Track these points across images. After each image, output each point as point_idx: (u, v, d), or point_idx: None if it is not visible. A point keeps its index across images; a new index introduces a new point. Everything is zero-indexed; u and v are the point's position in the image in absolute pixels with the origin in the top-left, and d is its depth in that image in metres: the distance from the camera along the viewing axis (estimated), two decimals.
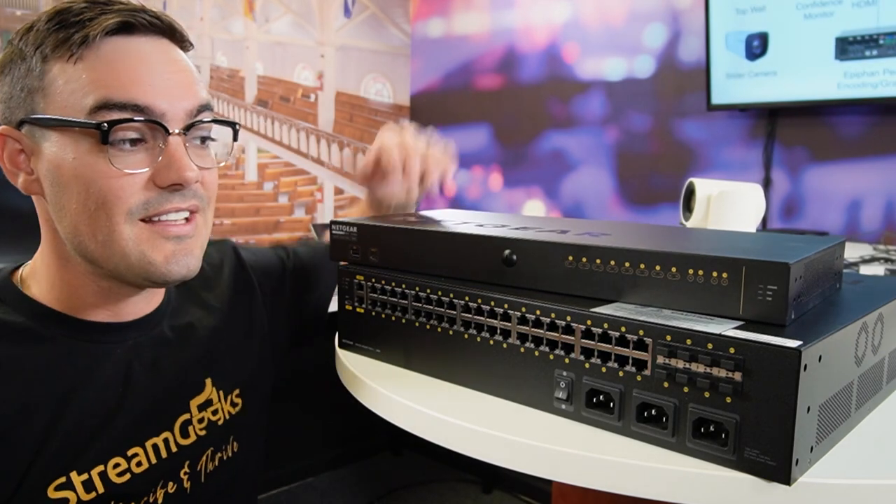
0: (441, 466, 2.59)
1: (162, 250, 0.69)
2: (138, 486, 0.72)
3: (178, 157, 0.68)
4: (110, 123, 0.65)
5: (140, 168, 0.67)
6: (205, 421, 0.80)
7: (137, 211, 0.67)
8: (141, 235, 0.68)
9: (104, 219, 0.67)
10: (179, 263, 0.70)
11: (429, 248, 0.70)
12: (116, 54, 0.67)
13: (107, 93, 0.65)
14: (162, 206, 0.68)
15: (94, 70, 0.66)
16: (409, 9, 3.09)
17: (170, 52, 0.71)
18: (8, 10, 2.08)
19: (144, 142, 0.67)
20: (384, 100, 3.05)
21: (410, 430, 0.62)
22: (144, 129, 0.67)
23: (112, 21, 0.66)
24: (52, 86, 0.66)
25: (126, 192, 0.66)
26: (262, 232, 2.72)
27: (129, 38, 0.68)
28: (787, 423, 0.46)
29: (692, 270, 0.54)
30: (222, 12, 2.59)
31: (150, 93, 0.67)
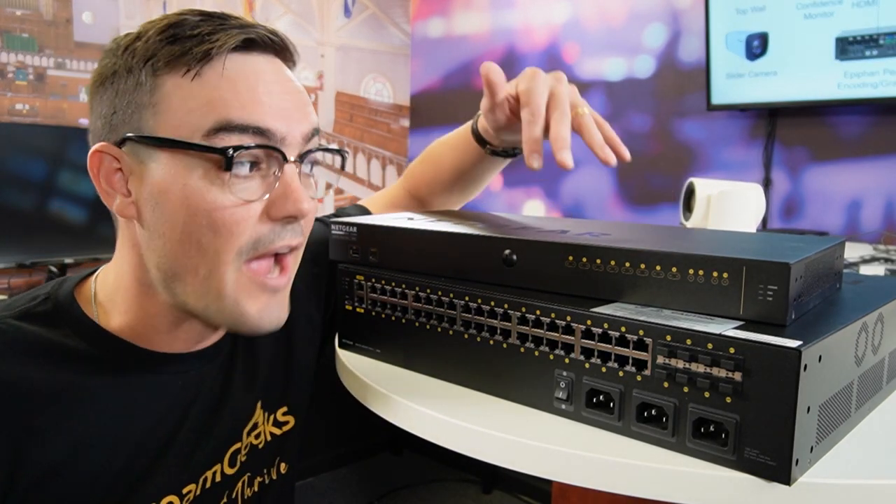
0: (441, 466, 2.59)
1: (257, 301, 0.64)
2: None
3: (296, 188, 0.63)
4: (235, 149, 0.59)
5: (256, 196, 0.62)
6: (248, 446, 0.75)
7: (247, 251, 0.62)
8: (240, 281, 0.63)
9: (211, 254, 0.61)
10: (272, 316, 0.66)
11: (429, 248, 0.70)
12: (237, 73, 0.62)
13: (227, 113, 0.60)
14: (273, 244, 0.63)
15: (214, 88, 0.61)
16: (409, 9, 3.09)
17: (284, 71, 0.66)
18: (8, 10, 2.08)
19: (259, 169, 0.63)
20: (384, 100, 3.06)
21: (410, 430, 0.62)
22: (261, 155, 0.62)
23: (236, 38, 0.62)
24: (165, 102, 0.61)
25: (241, 227, 0.61)
26: None
27: (248, 55, 0.63)
28: (787, 423, 0.46)
29: (692, 270, 0.54)
30: None
31: (271, 115, 0.62)
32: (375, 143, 3.04)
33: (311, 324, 0.86)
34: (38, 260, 1.97)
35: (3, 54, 2.07)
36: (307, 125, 0.65)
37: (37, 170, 1.94)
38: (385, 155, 3.08)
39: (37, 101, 2.13)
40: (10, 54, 2.08)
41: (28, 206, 1.92)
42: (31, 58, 2.12)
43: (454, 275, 0.68)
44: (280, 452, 0.80)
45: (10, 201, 1.90)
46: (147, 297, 0.66)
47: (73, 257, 2.01)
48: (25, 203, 1.92)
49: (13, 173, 1.90)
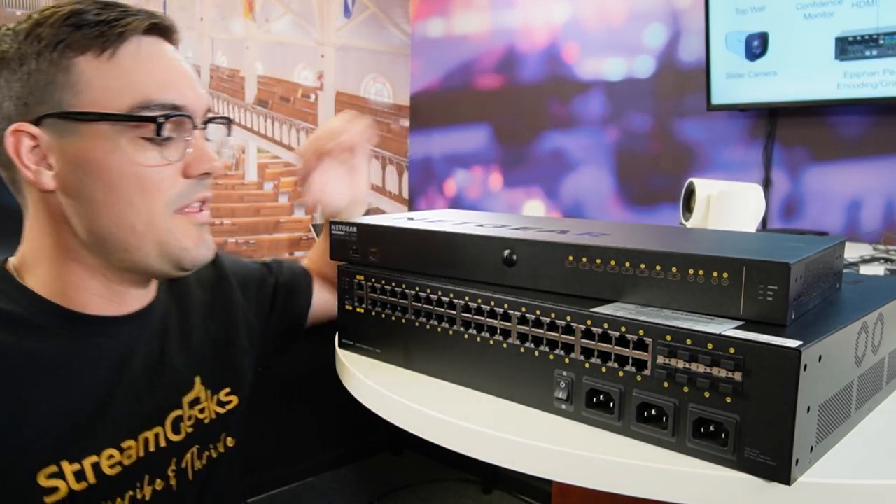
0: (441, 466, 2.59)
1: (191, 236, 0.74)
2: (127, 479, 0.73)
3: (206, 149, 0.74)
4: (165, 117, 0.69)
5: (173, 159, 0.72)
6: (193, 419, 0.82)
7: (174, 202, 0.72)
8: (175, 223, 0.72)
9: (144, 208, 0.70)
10: (205, 247, 0.76)
11: (429, 248, 0.70)
12: (149, 55, 0.72)
13: (148, 93, 0.69)
14: (192, 197, 0.74)
15: (130, 70, 0.70)
16: (409, 9, 3.09)
17: (177, 53, 0.76)
18: (8, 10, 2.08)
19: (174, 138, 0.72)
20: (384, 100, 3.05)
21: (410, 430, 0.62)
22: (177, 125, 0.72)
23: (144, 22, 0.71)
24: (83, 82, 0.68)
25: (165, 183, 0.71)
26: (262, 232, 2.72)
27: (152, 38, 0.73)
28: (787, 423, 0.46)
29: (692, 270, 0.54)
30: (222, 12, 2.59)
31: (181, 93, 0.72)
32: (375, 144, 3.04)
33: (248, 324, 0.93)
34: None
35: None
36: (204, 101, 0.76)
37: None
38: (385, 155, 3.08)
39: None
40: None
41: None
42: None
43: (454, 275, 0.68)
44: (225, 428, 0.86)
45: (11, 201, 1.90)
46: (74, 262, 0.73)
47: None
48: None
49: None
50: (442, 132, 3.02)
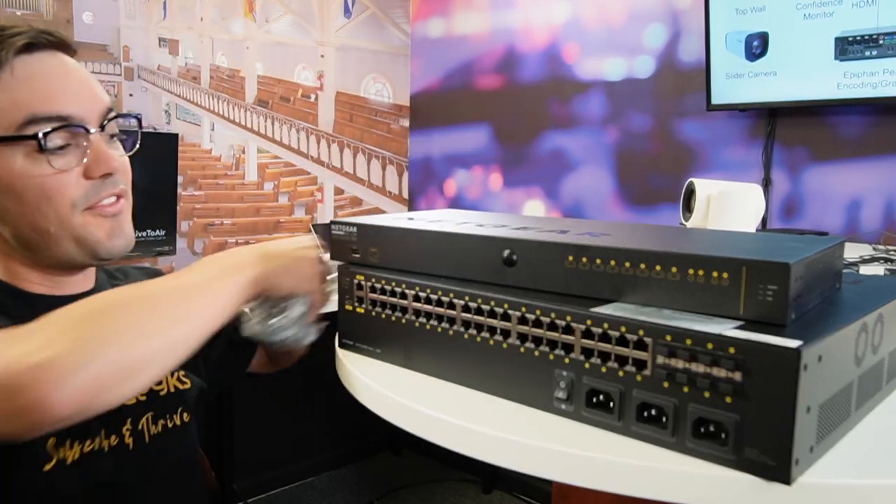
0: (441, 466, 2.59)
1: (103, 229, 0.81)
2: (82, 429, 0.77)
3: (103, 152, 0.80)
4: (45, 134, 0.75)
5: (71, 166, 0.78)
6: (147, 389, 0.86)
7: (80, 203, 0.79)
8: (86, 220, 0.80)
9: (52, 213, 0.78)
10: (118, 236, 0.82)
11: (429, 248, 0.70)
12: (29, 72, 0.77)
13: (31, 109, 0.76)
14: (98, 196, 0.80)
15: (14, 90, 0.76)
16: (409, 9, 3.09)
17: (68, 62, 0.81)
18: (8, 10, 2.08)
19: (70, 145, 0.78)
20: (384, 100, 3.06)
21: (410, 430, 0.62)
22: (69, 135, 0.78)
23: (16, 44, 0.77)
24: None
25: (66, 188, 0.78)
26: (262, 232, 2.72)
27: (34, 55, 0.78)
28: (787, 422, 0.46)
29: (692, 270, 0.54)
30: (222, 12, 2.59)
31: (67, 103, 0.78)
32: (375, 144, 3.04)
33: None
34: None
35: None
36: (100, 104, 0.81)
37: None
38: (385, 155, 3.08)
39: None
40: None
41: None
42: None
43: (454, 275, 0.68)
44: (181, 403, 0.92)
45: None
46: (11, 258, 0.82)
47: None
48: None
49: None
50: (442, 132, 3.02)
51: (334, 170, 2.93)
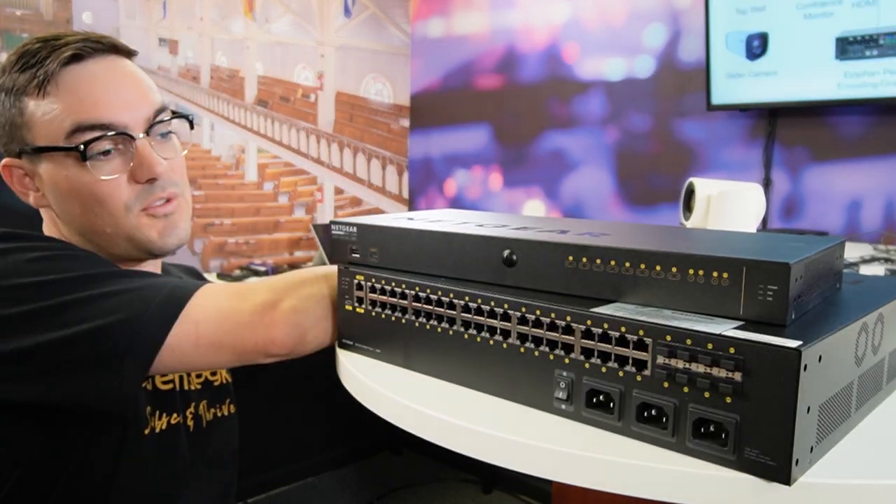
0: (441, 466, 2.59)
1: (155, 228, 0.85)
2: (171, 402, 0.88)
3: (147, 156, 0.82)
4: (85, 144, 0.79)
5: (116, 173, 0.82)
6: (202, 377, 0.96)
7: (134, 205, 0.83)
8: (140, 221, 0.84)
9: (107, 216, 0.82)
10: (171, 235, 0.87)
11: (429, 248, 0.70)
12: (75, 82, 0.80)
13: (76, 118, 0.79)
14: (149, 198, 0.84)
15: (61, 101, 0.80)
16: (409, 9, 3.09)
17: (119, 66, 0.84)
18: (8, 9, 2.08)
19: (118, 150, 0.82)
20: (384, 100, 3.06)
21: (410, 430, 0.62)
22: (116, 142, 0.81)
23: (64, 55, 0.80)
24: (32, 120, 0.80)
25: (116, 193, 0.82)
26: (262, 232, 2.72)
27: (83, 64, 0.81)
28: (787, 423, 0.46)
29: (692, 270, 0.54)
30: (222, 12, 2.59)
31: (110, 110, 0.81)
32: (375, 144, 3.04)
33: None
34: None
35: (3, 54, 2.07)
36: (148, 108, 0.84)
37: None
38: (385, 155, 3.08)
39: None
40: None
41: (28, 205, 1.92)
42: None
43: (454, 275, 0.68)
44: (229, 395, 1.01)
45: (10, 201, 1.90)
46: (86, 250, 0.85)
47: None
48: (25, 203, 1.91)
49: None
50: (442, 132, 3.02)
51: (334, 170, 2.93)
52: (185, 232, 0.89)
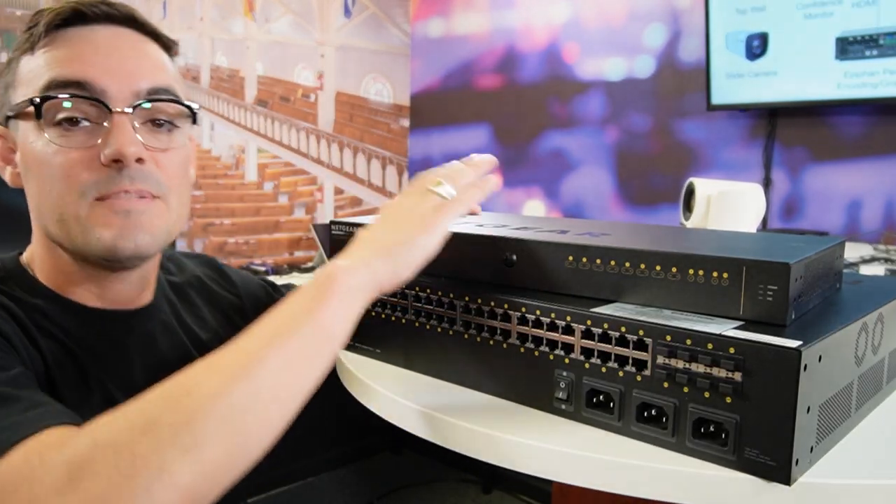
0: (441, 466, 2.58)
1: (111, 225, 0.68)
2: None
3: (119, 133, 0.67)
4: (42, 98, 0.66)
5: (78, 146, 0.67)
6: None
7: (89, 191, 0.67)
8: (94, 212, 0.68)
9: (57, 197, 0.68)
10: (127, 238, 0.68)
11: None
12: (68, 41, 0.69)
13: (51, 74, 0.67)
14: (110, 188, 0.67)
15: (46, 56, 0.68)
16: (409, 9, 3.09)
17: (128, 38, 0.72)
18: (8, 9, 2.08)
19: (88, 122, 0.68)
20: (384, 100, 3.06)
21: (410, 430, 0.62)
22: (87, 109, 0.67)
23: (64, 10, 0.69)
24: (18, 78, 0.70)
25: (76, 170, 0.67)
26: (262, 232, 2.72)
27: (84, 27, 0.70)
28: (787, 423, 0.46)
29: (692, 270, 0.54)
30: (222, 12, 2.59)
31: (92, 70, 0.67)
32: (375, 143, 3.04)
33: None
34: None
35: (3, 54, 2.07)
36: (142, 82, 0.69)
37: None
38: (385, 155, 3.08)
39: None
40: None
41: None
42: None
43: (454, 275, 0.68)
44: None
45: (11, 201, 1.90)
46: (55, 254, 0.72)
47: None
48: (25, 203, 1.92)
49: None
50: (442, 132, 3.02)
51: (334, 170, 2.93)
52: (152, 239, 0.70)
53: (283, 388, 0.50)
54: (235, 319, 0.89)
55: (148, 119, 0.71)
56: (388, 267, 0.57)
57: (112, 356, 0.72)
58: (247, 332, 0.52)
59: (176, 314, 0.82)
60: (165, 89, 0.71)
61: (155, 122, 0.72)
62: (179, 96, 0.73)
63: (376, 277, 0.57)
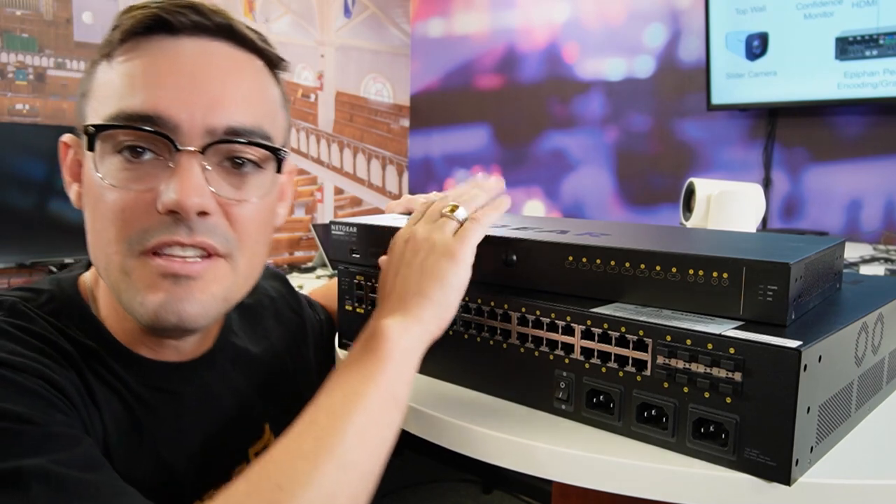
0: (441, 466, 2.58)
1: (156, 289, 0.57)
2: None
3: (183, 178, 0.56)
4: (98, 128, 0.56)
5: (137, 184, 0.57)
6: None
7: (140, 241, 0.57)
8: (142, 270, 0.57)
9: (107, 245, 0.58)
10: (170, 310, 0.57)
11: None
12: (147, 55, 0.58)
13: (120, 104, 0.57)
14: (161, 237, 0.56)
15: (121, 70, 0.58)
16: (409, 9, 3.09)
17: (219, 57, 0.60)
18: (8, 10, 2.08)
19: (157, 158, 0.57)
20: (384, 100, 3.06)
21: (410, 430, 0.62)
22: (155, 143, 0.57)
23: (144, 15, 0.58)
24: (93, 89, 0.60)
25: (125, 215, 0.56)
26: None
27: (168, 38, 0.59)
28: (787, 423, 0.46)
29: (692, 270, 0.54)
30: None
31: (166, 100, 0.56)
32: (375, 143, 3.04)
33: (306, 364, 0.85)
34: (38, 260, 1.97)
35: (3, 54, 2.07)
36: (222, 117, 0.58)
37: (37, 170, 1.93)
38: (385, 155, 3.08)
39: (37, 101, 2.13)
40: (10, 54, 2.08)
41: (28, 206, 1.92)
42: (31, 58, 2.12)
43: None
44: None
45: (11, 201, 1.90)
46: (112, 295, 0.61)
47: (73, 257, 2.01)
48: (25, 203, 1.92)
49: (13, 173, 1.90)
50: (442, 132, 3.02)
51: (334, 170, 2.93)
52: (201, 310, 0.59)
53: (365, 461, 0.51)
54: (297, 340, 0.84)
55: (226, 157, 0.60)
56: (433, 314, 0.57)
57: (166, 410, 0.64)
58: (315, 405, 0.52)
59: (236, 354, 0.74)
60: (249, 130, 0.59)
61: (235, 161, 0.60)
62: (268, 134, 0.62)
63: (427, 329, 0.57)
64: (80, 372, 0.58)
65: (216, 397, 0.69)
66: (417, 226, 0.62)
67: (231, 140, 0.59)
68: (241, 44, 0.63)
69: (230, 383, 0.72)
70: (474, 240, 0.59)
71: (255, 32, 0.64)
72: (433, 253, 0.58)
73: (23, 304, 0.60)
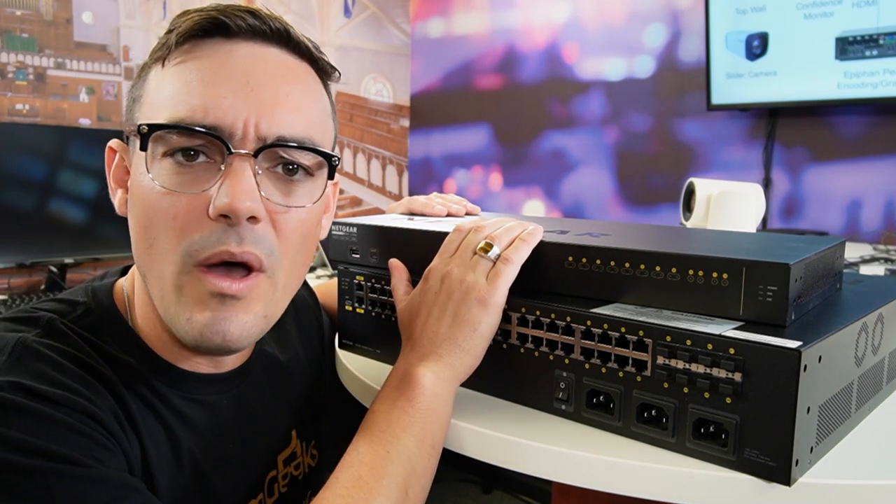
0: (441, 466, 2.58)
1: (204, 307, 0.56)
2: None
3: (234, 181, 0.55)
4: (151, 127, 0.55)
5: (190, 188, 0.55)
6: (288, 477, 0.73)
7: (193, 253, 0.56)
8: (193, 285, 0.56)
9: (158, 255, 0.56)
10: (215, 330, 0.56)
11: (429, 249, 0.70)
12: (203, 58, 0.58)
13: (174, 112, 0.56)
14: (214, 247, 0.55)
15: (176, 74, 0.58)
16: (409, 9, 3.09)
17: (274, 62, 0.60)
18: (8, 10, 2.08)
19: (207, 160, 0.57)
20: (384, 100, 3.06)
21: None
22: (208, 146, 0.56)
23: (202, 17, 0.58)
24: (145, 94, 0.60)
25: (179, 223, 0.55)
26: None
27: (225, 42, 0.58)
28: (787, 423, 0.46)
29: (692, 271, 0.54)
30: None
31: (222, 106, 0.56)
32: (375, 144, 3.04)
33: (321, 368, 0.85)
34: (38, 260, 1.97)
35: (3, 54, 2.07)
36: (274, 124, 0.57)
37: (37, 170, 1.93)
38: (385, 155, 3.08)
39: (37, 101, 2.13)
40: (10, 54, 2.08)
41: (28, 206, 1.92)
42: (31, 58, 2.12)
43: None
44: (311, 486, 0.78)
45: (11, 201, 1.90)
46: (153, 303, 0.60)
47: (73, 257, 2.01)
48: (25, 203, 1.92)
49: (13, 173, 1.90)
50: (442, 132, 3.02)
51: None
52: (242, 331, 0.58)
53: None
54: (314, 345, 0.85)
55: (278, 163, 0.59)
56: (462, 360, 0.59)
57: (204, 422, 0.64)
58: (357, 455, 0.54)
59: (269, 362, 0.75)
60: (300, 137, 0.59)
61: (287, 168, 0.60)
62: (318, 142, 0.61)
63: (457, 375, 0.59)
64: (117, 395, 0.57)
65: (250, 406, 0.70)
66: (452, 265, 0.62)
67: (283, 144, 0.58)
68: (296, 51, 0.62)
69: (262, 392, 0.72)
70: (506, 284, 0.60)
71: (309, 41, 0.64)
72: (467, 299, 0.59)
73: (59, 322, 0.59)
